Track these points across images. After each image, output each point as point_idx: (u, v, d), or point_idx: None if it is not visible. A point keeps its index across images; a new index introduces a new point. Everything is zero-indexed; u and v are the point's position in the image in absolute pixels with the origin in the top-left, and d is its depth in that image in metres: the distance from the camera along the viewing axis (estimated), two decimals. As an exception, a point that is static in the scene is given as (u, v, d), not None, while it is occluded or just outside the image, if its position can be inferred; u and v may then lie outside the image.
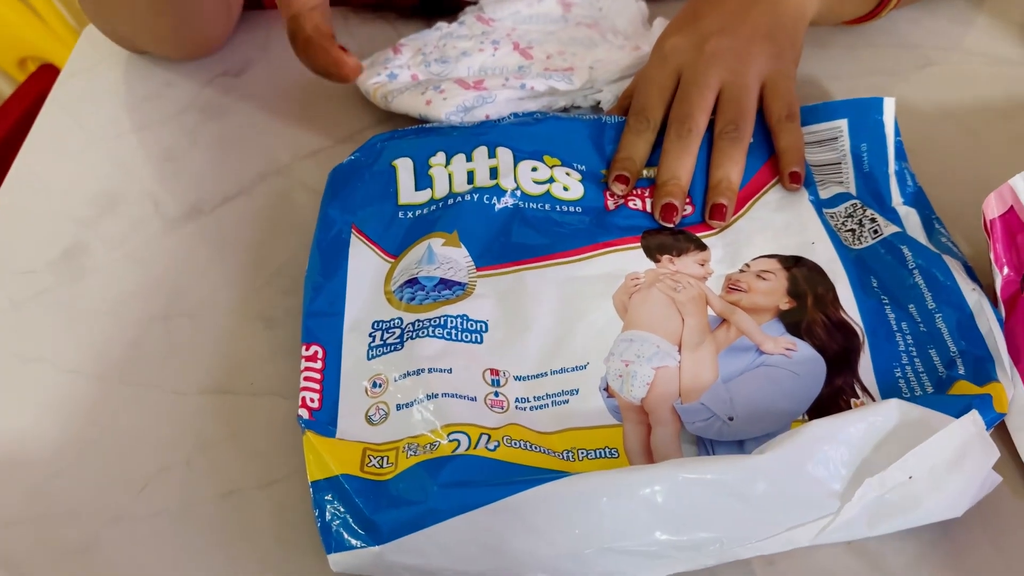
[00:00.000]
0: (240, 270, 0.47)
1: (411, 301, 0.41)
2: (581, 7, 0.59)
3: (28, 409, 0.41)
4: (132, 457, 0.39)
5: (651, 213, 0.46)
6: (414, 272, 0.42)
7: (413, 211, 0.45)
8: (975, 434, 0.32)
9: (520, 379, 0.39)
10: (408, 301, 0.41)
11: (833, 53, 0.59)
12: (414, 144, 0.48)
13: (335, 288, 0.42)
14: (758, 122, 0.48)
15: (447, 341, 0.40)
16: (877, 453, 0.32)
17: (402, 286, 0.42)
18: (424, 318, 0.40)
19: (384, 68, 0.54)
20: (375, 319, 0.41)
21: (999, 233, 0.41)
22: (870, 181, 0.46)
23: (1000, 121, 0.54)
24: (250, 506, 0.37)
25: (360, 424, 0.37)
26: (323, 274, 0.43)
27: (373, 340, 0.40)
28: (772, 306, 0.41)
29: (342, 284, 0.42)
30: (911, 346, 0.39)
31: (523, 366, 0.39)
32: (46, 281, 0.47)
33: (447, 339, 0.40)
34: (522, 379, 0.39)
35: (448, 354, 0.39)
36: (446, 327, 0.40)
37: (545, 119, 0.49)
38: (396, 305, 0.41)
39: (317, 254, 0.44)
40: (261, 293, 0.45)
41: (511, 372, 0.39)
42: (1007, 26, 0.62)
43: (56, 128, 0.56)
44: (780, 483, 0.31)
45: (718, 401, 0.37)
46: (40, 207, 0.51)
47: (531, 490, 0.32)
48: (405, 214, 0.45)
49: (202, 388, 0.41)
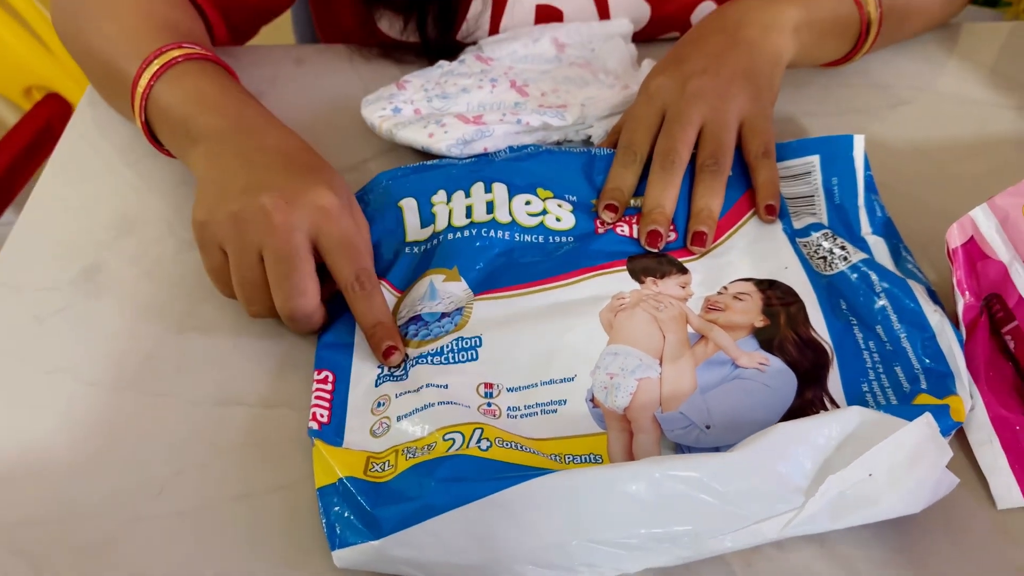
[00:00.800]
0: (251, 289, 0.49)
1: (414, 337, 0.44)
2: (574, 48, 0.63)
3: (50, 417, 0.43)
4: (149, 462, 0.41)
5: (637, 239, 0.49)
6: (418, 309, 0.45)
7: (419, 247, 0.49)
8: (929, 435, 0.35)
9: (512, 390, 0.42)
10: (412, 337, 0.44)
11: (810, 92, 0.62)
12: (417, 183, 0.51)
13: (346, 320, 0.45)
14: (736, 156, 0.51)
15: (445, 365, 0.43)
16: (839, 452, 0.35)
17: (406, 324, 0.45)
18: (425, 351, 0.44)
19: (389, 103, 0.57)
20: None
21: (961, 261, 0.44)
22: (841, 212, 0.49)
23: (968, 158, 0.57)
24: (262, 508, 0.40)
25: (365, 437, 0.41)
26: (336, 311, 0.46)
27: (382, 371, 0.43)
28: (747, 324, 0.44)
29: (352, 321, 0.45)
30: (877, 363, 0.42)
31: (515, 378, 0.42)
32: (67, 298, 0.49)
33: (445, 363, 0.43)
34: (514, 390, 0.42)
35: (445, 372, 0.42)
36: (443, 353, 0.43)
37: (538, 153, 0.53)
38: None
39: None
40: (270, 311, 0.48)
41: (504, 384, 0.42)
42: (977, 68, 0.65)
43: (75, 154, 0.59)
44: (749, 479, 0.34)
45: (696, 411, 0.40)
46: (61, 228, 0.54)
47: (520, 485, 0.34)
48: (411, 249, 0.48)
49: (215, 399, 0.44)
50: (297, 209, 0.42)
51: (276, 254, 0.42)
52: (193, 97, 0.49)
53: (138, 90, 0.51)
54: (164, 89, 0.50)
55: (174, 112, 0.50)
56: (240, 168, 0.45)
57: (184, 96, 0.50)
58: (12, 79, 1.25)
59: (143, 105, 0.51)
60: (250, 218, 0.42)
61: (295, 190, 0.43)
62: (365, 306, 0.44)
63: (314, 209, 0.43)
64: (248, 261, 0.43)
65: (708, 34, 0.55)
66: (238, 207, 0.42)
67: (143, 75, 0.50)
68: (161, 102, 0.50)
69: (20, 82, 1.25)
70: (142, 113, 0.51)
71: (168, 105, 0.50)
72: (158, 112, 0.51)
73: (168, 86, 0.50)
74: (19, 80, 1.25)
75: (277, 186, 0.43)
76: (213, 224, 0.43)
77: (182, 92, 0.50)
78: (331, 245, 0.43)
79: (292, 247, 0.42)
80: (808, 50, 0.57)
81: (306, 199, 0.43)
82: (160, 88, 0.50)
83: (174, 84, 0.50)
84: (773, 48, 0.54)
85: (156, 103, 0.50)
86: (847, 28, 0.58)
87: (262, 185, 0.43)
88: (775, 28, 0.54)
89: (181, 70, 0.51)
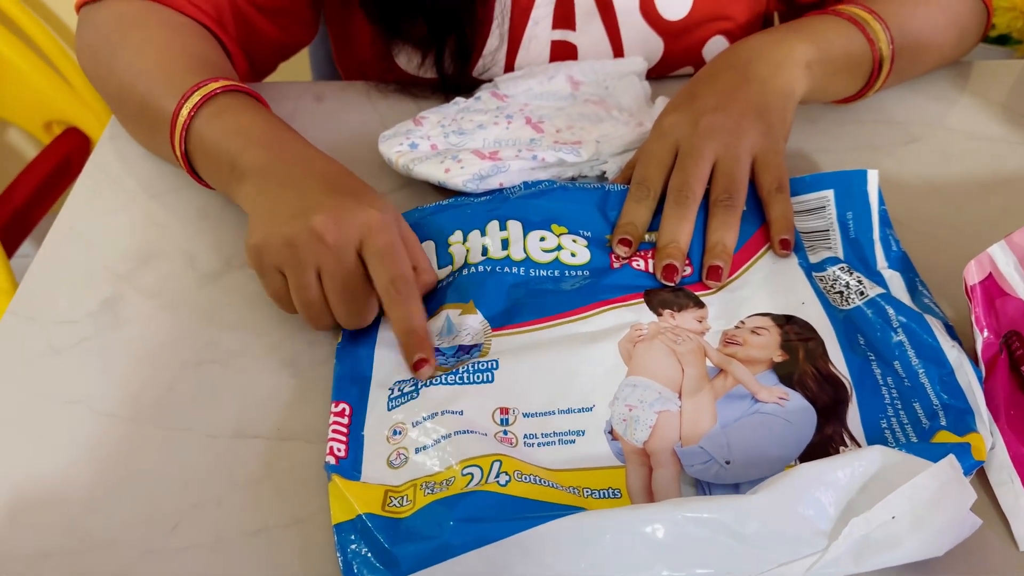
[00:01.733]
0: (268, 322, 0.50)
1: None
2: (589, 86, 0.64)
3: (67, 449, 0.43)
4: (165, 495, 0.41)
5: (653, 273, 0.49)
6: (435, 344, 0.46)
7: (437, 284, 0.49)
8: (953, 477, 0.35)
9: (529, 416, 0.42)
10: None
11: (822, 128, 0.63)
12: (434, 225, 0.52)
13: (364, 355, 0.46)
14: (750, 191, 0.51)
15: (459, 385, 0.43)
16: (862, 494, 0.34)
17: None
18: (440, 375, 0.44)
19: (406, 138, 0.58)
20: (397, 379, 0.44)
21: (979, 298, 0.44)
22: (856, 246, 0.50)
23: (982, 194, 0.57)
24: (277, 543, 0.39)
25: (382, 468, 0.40)
26: (354, 343, 0.47)
27: (392, 393, 0.43)
28: (766, 359, 0.44)
29: (371, 352, 0.46)
30: (896, 399, 0.42)
31: (532, 403, 0.42)
32: (86, 330, 0.50)
33: (459, 383, 0.43)
34: (531, 416, 0.42)
35: (460, 396, 0.42)
36: (457, 373, 0.43)
37: (552, 189, 0.53)
38: None
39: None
40: (287, 344, 0.48)
41: (520, 409, 0.42)
42: (988, 105, 0.66)
43: (96, 188, 0.60)
44: (772, 522, 0.34)
45: (716, 445, 0.40)
46: (81, 261, 0.54)
47: (540, 527, 0.34)
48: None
49: (232, 432, 0.44)
50: (346, 228, 0.44)
51: (332, 274, 0.44)
52: (234, 131, 0.51)
53: (178, 123, 0.52)
54: (204, 123, 0.52)
55: (217, 147, 0.51)
56: (289, 195, 0.47)
57: (224, 130, 0.51)
58: (33, 113, 1.26)
59: (183, 137, 0.52)
60: (304, 242, 0.44)
61: (343, 210, 0.45)
62: (400, 312, 0.45)
63: (361, 225, 0.45)
64: (306, 282, 0.45)
65: (720, 71, 0.56)
66: (292, 232, 0.44)
67: (183, 108, 0.52)
68: (203, 135, 0.52)
69: (40, 116, 1.27)
70: (182, 144, 0.53)
71: (210, 139, 0.51)
72: (199, 145, 0.52)
73: (208, 120, 0.52)
74: (39, 114, 1.27)
75: (326, 208, 0.45)
76: (269, 250, 0.45)
77: (222, 126, 0.51)
78: (371, 253, 0.45)
79: (346, 266, 0.44)
80: (820, 86, 0.58)
81: (354, 217, 0.45)
82: (200, 122, 0.52)
83: (214, 119, 0.52)
84: (785, 84, 0.55)
85: (198, 136, 0.52)
86: (859, 65, 0.59)
87: (312, 208, 0.45)
88: (786, 65, 0.55)
89: (220, 104, 0.52)
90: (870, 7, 0.59)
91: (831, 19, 0.59)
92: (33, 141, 1.36)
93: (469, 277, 0.48)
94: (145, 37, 0.58)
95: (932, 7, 0.63)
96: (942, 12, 0.63)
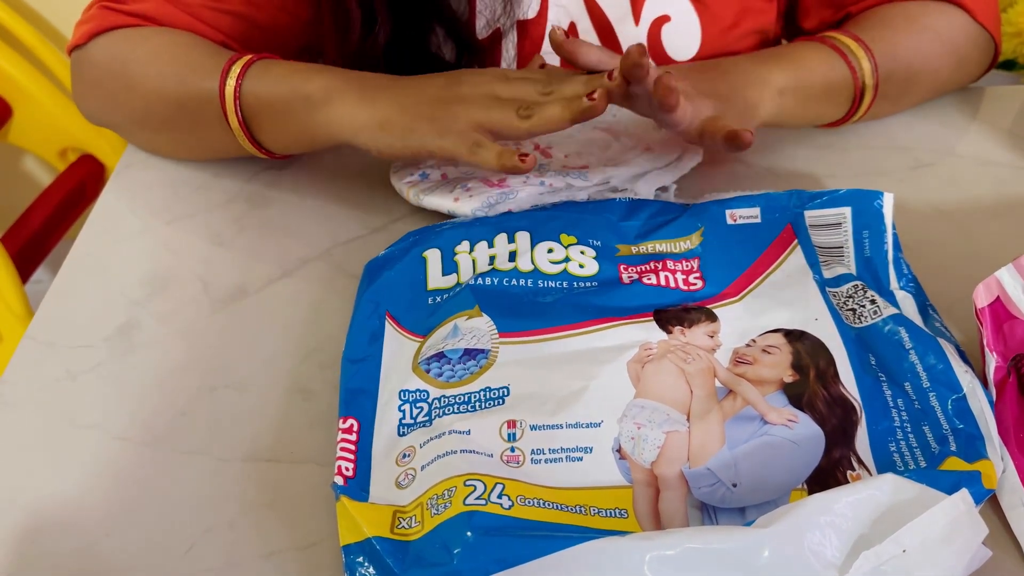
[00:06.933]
0: (282, 346, 0.50)
1: (438, 377, 0.45)
2: (597, 112, 0.64)
3: (81, 473, 0.44)
4: (179, 519, 0.42)
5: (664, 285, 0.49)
6: (440, 347, 0.46)
7: (440, 295, 0.49)
8: (965, 511, 0.34)
9: (536, 428, 0.42)
10: (436, 377, 0.45)
11: (831, 153, 0.63)
12: (442, 236, 0.52)
13: (370, 368, 0.46)
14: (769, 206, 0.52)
15: (471, 413, 0.43)
16: (873, 527, 0.34)
17: (429, 360, 0.45)
18: (450, 394, 0.44)
19: (416, 168, 0.58)
20: (402, 388, 0.44)
21: (988, 321, 0.44)
22: (870, 265, 0.50)
23: (990, 219, 0.58)
24: (290, 567, 0.40)
25: (390, 489, 0.41)
26: (360, 355, 0.47)
27: (404, 416, 0.43)
28: (776, 379, 0.44)
29: (377, 365, 0.46)
30: (906, 422, 0.42)
31: (539, 415, 0.42)
32: (101, 355, 0.50)
33: (471, 411, 0.43)
34: (538, 428, 0.42)
35: (469, 417, 0.42)
36: (470, 402, 0.43)
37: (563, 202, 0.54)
38: (422, 376, 0.45)
39: (354, 337, 0.48)
40: (300, 368, 0.49)
41: (527, 421, 0.42)
42: (996, 131, 0.66)
43: (112, 215, 0.61)
44: (781, 554, 0.34)
45: (724, 468, 0.40)
46: (97, 287, 0.55)
47: (548, 557, 0.34)
48: (433, 298, 0.49)
49: (245, 456, 0.44)
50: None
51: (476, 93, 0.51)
52: (291, 72, 0.54)
53: (227, 93, 0.54)
54: (255, 83, 0.54)
55: (277, 93, 0.53)
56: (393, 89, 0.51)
57: (279, 78, 0.54)
58: (48, 140, 1.28)
59: (236, 106, 0.54)
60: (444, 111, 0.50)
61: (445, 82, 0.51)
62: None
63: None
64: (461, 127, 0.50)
65: (696, 70, 0.58)
66: (429, 111, 0.50)
67: (227, 79, 0.54)
68: (258, 92, 0.54)
69: (56, 143, 1.29)
70: (237, 112, 0.54)
71: (268, 91, 0.53)
72: (256, 103, 0.54)
73: (259, 78, 0.54)
74: (55, 142, 1.28)
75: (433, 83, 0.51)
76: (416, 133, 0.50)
77: (279, 74, 0.54)
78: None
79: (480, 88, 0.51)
80: (791, 113, 0.58)
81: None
82: (250, 84, 0.54)
83: (264, 75, 0.54)
84: (751, 98, 0.56)
85: (253, 95, 0.54)
86: (839, 93, 0.59)
87: (425, 87, 0.51)
88: (758, 84, 0.56)
89: (262, 65, 0.54)
90: (857, 35, 0.60)
91: (814, 46, 0.60)
92: (48, 168, 1.38)
93: (476, 287, 0.48)
94: (152, 48, 0.59)
95: (926, 35, 0.63)
96: (938, 40, 0.63)
